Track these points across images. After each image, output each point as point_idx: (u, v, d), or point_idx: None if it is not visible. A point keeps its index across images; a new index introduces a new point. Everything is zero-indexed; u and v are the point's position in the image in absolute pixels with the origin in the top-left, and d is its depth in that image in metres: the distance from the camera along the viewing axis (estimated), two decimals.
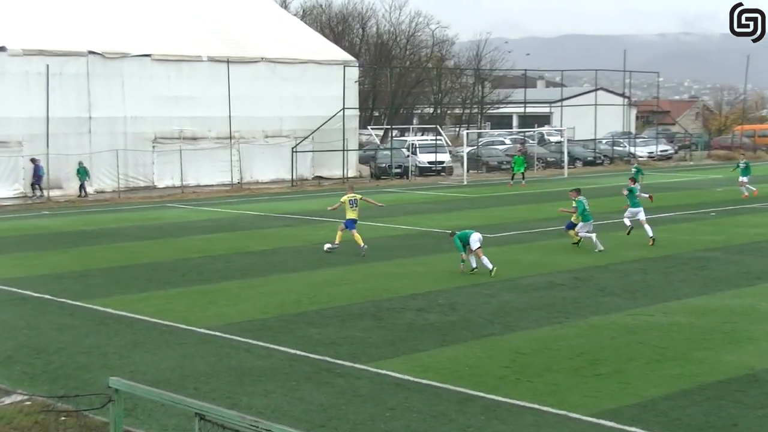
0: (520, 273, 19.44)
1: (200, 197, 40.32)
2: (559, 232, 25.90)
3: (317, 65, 48.90)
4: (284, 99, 47.79)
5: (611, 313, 15.37)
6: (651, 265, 20.21)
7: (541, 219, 29.46)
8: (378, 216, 31.02)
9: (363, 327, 14.63)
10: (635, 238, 24.37)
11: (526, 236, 25.33)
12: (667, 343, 13.29)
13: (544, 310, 15.64)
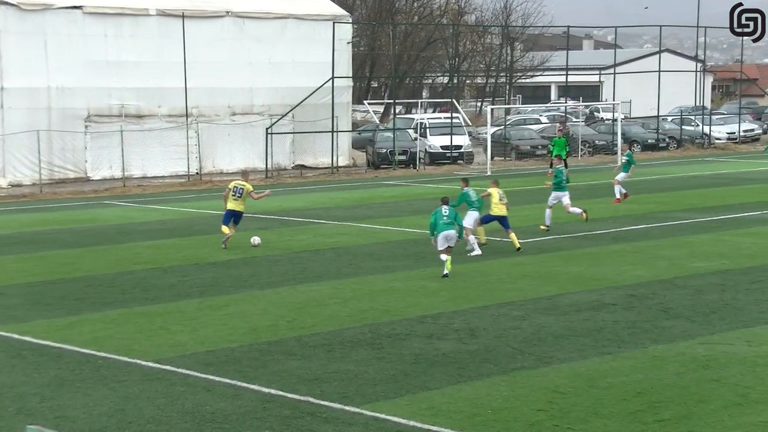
0: (559, 289, 19.49)
1: (147, 192, 40.44)
2: (613, 237, 25.98)
3: (299, 21, 49.04)
4: (256, 65, 47.92)
5: (678, 341, 15.42)
6: (731, 279, 20.27)
7: (583, 220, 29.52)
8: (376, 216, 31.13)
9: (357, 359, 14.68)
10: (710, 245, 24.44)
11: (568, 242, 25.42)
12: (750, 381, 13.32)
13: (589, 338, 15.70)
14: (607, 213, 30.98)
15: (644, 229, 27.54)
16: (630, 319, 16.91)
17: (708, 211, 30.86)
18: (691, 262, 22.20)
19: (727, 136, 63.22)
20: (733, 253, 23.25)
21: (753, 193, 35.71)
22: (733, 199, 34.12)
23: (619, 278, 20.53)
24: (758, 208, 31.35)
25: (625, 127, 57.11)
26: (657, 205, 32.93)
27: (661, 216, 30.06)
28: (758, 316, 16.99)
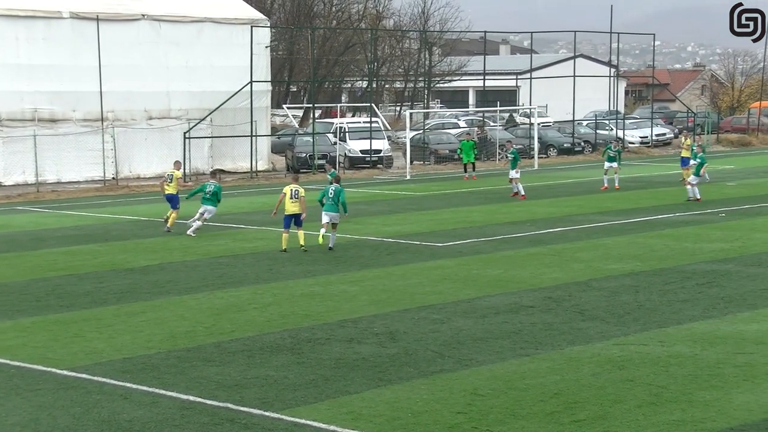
0: (478, 292, 19.64)
1: (62, 198, 39.81)
2: (530, 240, 26.26)
3: (216, 25, 48.71)
4: (173, 69, 47.47)
5: (594, 342, 15.64)
6: (645, 280, 20.61)
7: (504, 223, 29.84)
8: None
9: (277, 364, 14.63)
10: (624, 248, 24.84)
11: (486, 245, 25.63)
12: (664, 381, 13.56)
13: (508, 340, 15.84)
14: (525, 216, 31.30)
15: (561, 231, 27.88)
16: (547, 320, 17.10)
17: (622, 214, 31.35)
18: (606, 264, 22.53)
19: (641, 140, 64.26)
20: (646, 255, 23.65)
21: (665, 196, 36.37)
22: (646, 202, 34.71)
23: (536, 281, 20.75)
24: (670, 211, 31.93)
25: (541, 131, 57.77)
26: (573, 208, 33.36)
27: (577, 219, 30.46)
28: (670, 316, 17.30)
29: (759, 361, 14.41)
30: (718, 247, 24.62)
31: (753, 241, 25.50)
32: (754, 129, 70.22)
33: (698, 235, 26.64)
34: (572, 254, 24.02)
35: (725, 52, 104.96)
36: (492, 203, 35.31)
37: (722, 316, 17.30)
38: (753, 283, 20.17)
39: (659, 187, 40.19)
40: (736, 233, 26.89)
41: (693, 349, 15.07)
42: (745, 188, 38.72)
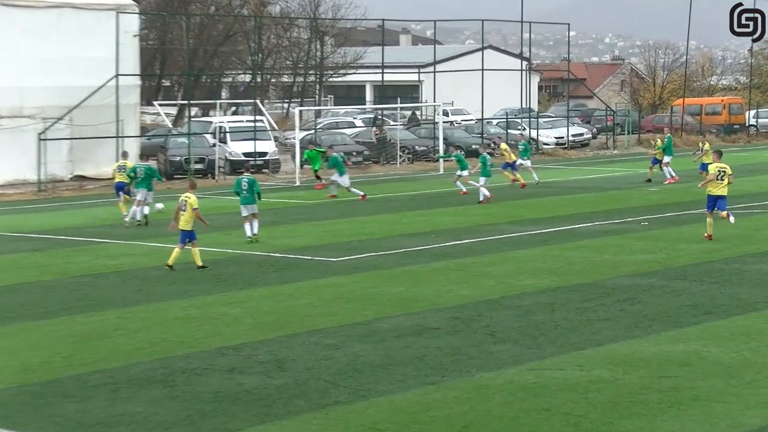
0: (376, 313, 19.64)
1: None
2: (434, 253, 26.38)
3: (76, 11, 48.01)
4: (26, 61, 46.63)
5: (506, 367, 15.74)
6: (561, 297, 20.85)
7: (405, 234, 29.96)
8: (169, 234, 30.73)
9: (147, 399, 14.41)
10: (539, 261, 25.12)
11: (386, 260, 25.68)
12: (583, 410, 13.70)
13: (411, 366, 15.85)
14: (429, 226, 31.47)
15: (469, 243, 28.09)
16: (454, 344, 17.17)
17: (536, 223, 31.73)
18: (519, 280, 22.75)
19: (556, 141, 65.22)
20: (563, 269, 23.95)
21: (583, 203, 36.93)
22: (563, 210, 35.21)
23: (442, 299, 20.84)
24: (589, 219, 32.42)
25: (447, 131, 58.25)
26: (482, 217, 33.66)
27: (486, 229, 30.73)
28: (590, 337, 17.52)
29: (684, 385, 14.67)
30: (640, 259, 25.06)
31: (677, 252, 26.02)
32: (677, 128, 71.78)
33: (619, 246, 27.09)
34: (482, 269, 24.20)
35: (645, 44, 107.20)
36: (392, 212, 35.43)
37: (645, 335, 17.59)
38: (678, 298, 20.56)
39: (576, 193, 40.81)
40: (660, 243, 27.42)
41: (614, 373, 15.27)
42: (668, 194, 39.54)
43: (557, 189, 42.57)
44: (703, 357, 16.13)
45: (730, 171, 27.88)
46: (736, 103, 78.10)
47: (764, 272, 23.09)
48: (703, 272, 23.27)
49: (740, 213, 33.25)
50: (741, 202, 36.03)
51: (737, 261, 24.58)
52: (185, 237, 24.61)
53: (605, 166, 53.37)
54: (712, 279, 22.47)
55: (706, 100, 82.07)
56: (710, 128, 73.31)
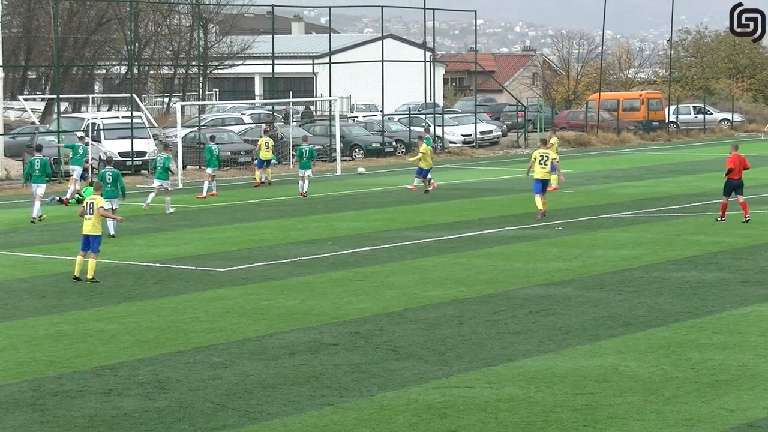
0: (268, 328, 19.67)
1: None
2: (332, 262, 26.45)
3: None
4: None
5: (409, 386, 15.88)
6: (470, 309, 21.07)
7: (300, 242, 29.99)
8: (37, 243, 30.39)
9: (14, 424, 14.28)
10: (445, 270, 25.33)
11: (279, 270, 25.70)
12: (492, 430, 13.90)
13: (306, 386, 15.91)
14: (326, 233, 31.55)
15: (369, 251, 28.23)
16: (354, 361, 17.27)
17: (442, 229, 31.98)
18: (424, 291, 22.92)
19: (463, 138, 65.66)
20: (471, 279, 24.20)
21: (492, 207, 37.30)
22: (471, 214, 35.53)
23: (340, 312, 20.92)
24: (498, 225, 32.77)
25: (344, 128, 58.37)
26: (384, 222, 33.83)
27: (388, 235, 30.89)
28: (500, 352, 17.75)
29: (601, 402, 14.96)
30: (554, 267, 25.42)
31: (593, 260, 26.45)
32: (593, 125, 72.79)
33: (531, 254, 27.44)
34: (383, 279, 24.35)
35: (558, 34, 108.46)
36: (285, 218, 35.43)
37: (559, 349, 17.87)
38: (594, 309, 20.91)
39: (485, 196, 41.20)
40: (575, 250, 27.84)
41: (526, 391, 15.51)
42: (584, 196, 40.09)
43: (465, 191, 42.92)
44: (620, 372, 16.45)
45: (554, 155, 34.71)
46: (655, 98, 79.35)
47: (685, 280, 23.58)
48: (621, 281, 23.69)
49: (661, 216, 33.93)
50: (661, 205, 36.73)
51: (657, 268, 25.06)
52: (87, 242, 24.34)
53: (516, 166, 53.86)
54: (630, 288, 22.89)
55: (623, 94, 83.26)
56: (628, 125, 74.38)
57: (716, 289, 22.56)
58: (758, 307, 20.86)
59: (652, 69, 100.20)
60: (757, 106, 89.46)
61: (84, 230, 24.41)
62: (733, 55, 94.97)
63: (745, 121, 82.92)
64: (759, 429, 13.77)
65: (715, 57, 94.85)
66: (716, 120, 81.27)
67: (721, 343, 18.03)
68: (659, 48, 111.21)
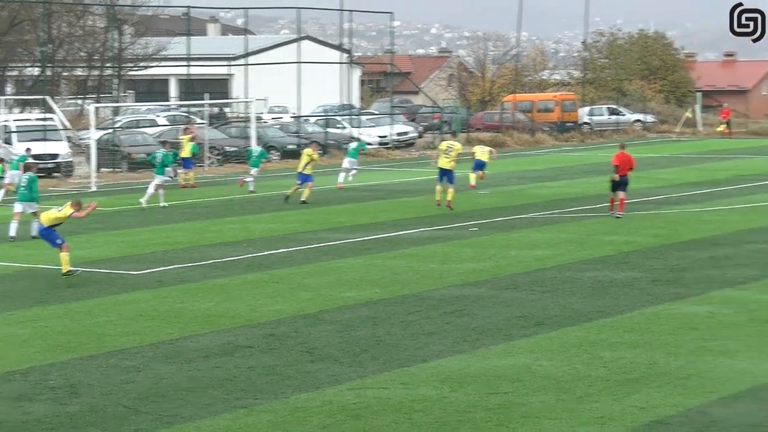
0: (182, 331, 19.59)
1: None
2: (247, 265, 26.40)
3: None
4: None
5: (324, 387, 15.90)
6: (385, 310, 21.14)
7: (215, 244, 29.92)
8: None
9: None
10: (361, 271, 25.40)
11: (193, 272, 25.60)
12: (407, 430, 13.96)
13: (220, 389, 15.87)
14: (241, 235, 31.48)
15: (285, 253, 28.21)
16: (268, 363, 17.26)
17: (358, 230, 32.04)
18: (339, 292, 22.96)
19: (379, 140, 65.82)
20: (386, 280, 24.28)
21: (407, 208, 37.44)
22: (386, 215, 35.64)
23: (255, 314, 20.90)
24: (414, 226, 32.90)
25: (260, 129, 58.23)
26: (300, 224, 33.81)
27: (304, 237, 30.88)
28: (414, 353, 17.83)
29: (514, 401, 15.09)
30: (468, 268, 25.59)
31: (507, 260, 26.65)
32: (508, 126, 73.30)
33: (446, 255, 27.59)
34: (299, 281, 24.35)
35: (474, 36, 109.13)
36: (200, 220, 35.29)
37: (473, 350, 18.00)
38: (508, 309, 21.08)
39: (401, 197, 41.34)
40: (489, 251, 28.04)
41: (440, 391, 15.60)
42: (499, 197, 40.39)
43: (380, 192, 43.03)
44: (533, 371, 16.61)
45: (458, 147, 36.51)
46: (569, 100, 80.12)
47: (597, 280, 23.84)
48: (534, 281, 23.90)
49: (574, 217, 34.28)
50: (574, 205, 37.11)
51: (570, 268, 25.32)
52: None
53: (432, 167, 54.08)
54: (543, 288, 23.10)
55: (538, 96, 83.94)
56: (542, 126, 75.01)
57: (628, 289, 22.85)
58: (668, 306, 21.16)
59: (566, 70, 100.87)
60: (669, 107, 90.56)
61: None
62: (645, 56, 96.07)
63: (657, 122, 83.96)
64: (669, 426, 13.98)
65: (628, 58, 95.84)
66: (629, 121, 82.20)
67: (632, 342, 18.27)
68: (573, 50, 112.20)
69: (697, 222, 32.86)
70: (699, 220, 33.38)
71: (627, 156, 33.83)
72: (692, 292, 22.38)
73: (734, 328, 19.24)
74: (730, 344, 18.07)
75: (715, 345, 18.05)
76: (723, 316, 20.26)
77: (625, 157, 33.74)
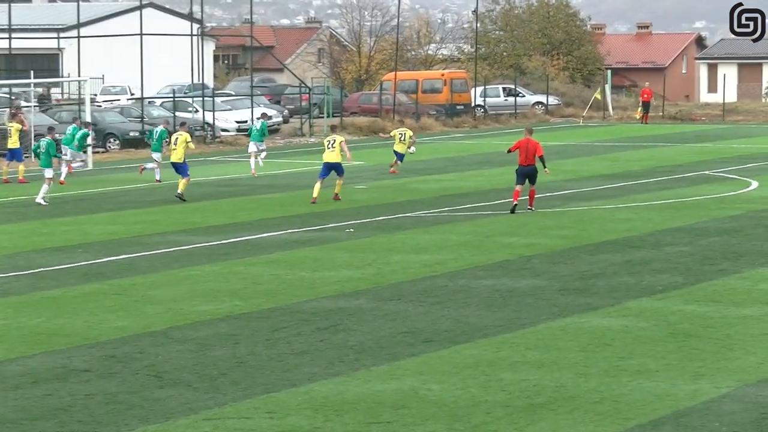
0: (6, 353, 19.32)
1: None
2: (83, 273, 26.10)
3: None
4: None
5: (176, 417, 15.78)
6: (247, 326, 21.04)
7: (46, 249, 29.62)
8: None
9: None
10: (218, 280, 25.29)
11: (19, 283, 25.36)
12: None
13: (53, 420, 15.66)
14: (76, 238, 31.15)
15: (128, 260, 27.98)
16: (109, 390, 17.06)
17: (214, 233, 31.90)
18: (193, 306, 22.81)
19: (237, 126, 65.58)
20: (248, 291, 24.18)
21: (272, 206, 37.37)
22: (247, 214, 35.53)
23: (93, 332, 20.67)
24: (280, 227, 32.84)
25: (96, 114, 57.65)
26: (145, 225, 33.57)
27: (151, 241, 30.67)
28: (282, 376, 17.78)
29: (399, 431, 15.12)
30: (345, 276, 25.60)
31: (391, 266, 26.73)
32: (388, 110, 73.40)
33: (318, 260, 27.59)
34: (145, 292, 24.17)
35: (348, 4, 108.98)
36: (26, 221, 34.85)
37: (352, 372, 17.99)
38: (392, 324, 21.11)
39: (264, 193, 41.24)
40: (369, 255, 28.09)
41: (313, 421, 15.57)
42: (379, 192, 40.48)
43: (240, 188, 42.89)
44: (421, 396, 16.65)
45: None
46: (460, 78, 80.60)
47: (496, 289, 24.01)
48: (423, 290, 23.99)
49: (467, 215, 34.52)
50: (468, 202, 37.36)
51: (463, 276, 25.47)
52: None
53: (300, 157, 54.17)
54: (433, 299, 23.19)
55: (423, 74, 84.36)
56: (428, 109, 75.34)
57: (531, 299, 23.05)
58: (578, 318, 21.38)
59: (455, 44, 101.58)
60: (575, 88, 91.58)
61: None
62: (547, 29, 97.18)
63: (561, 105, 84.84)
64: None
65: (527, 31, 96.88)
66: (529, 103, 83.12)
67: (537, 361, 18.42)
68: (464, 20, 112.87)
69: (610, 221, 33.32)
70: (611, 218, 33.84)
71: (532, 142, 34.14)
72: (605, 303, 22.65)
73: (653, 344, 19.49)
74: (648, 363, 18.31)
75: (632, 364, 18.27)
76: (640, 330, 20.53)
77: (528, 143, 34.05)
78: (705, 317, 21.34)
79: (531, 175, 34.18)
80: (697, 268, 26.05)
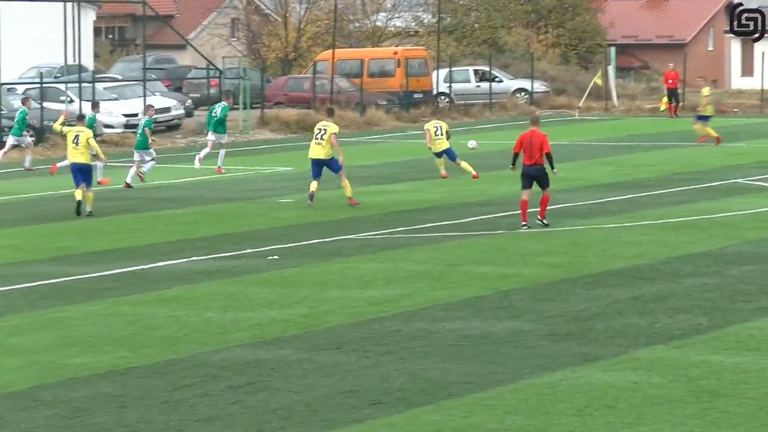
0: None
1: None
2: None
3: None
4: None
5: None
6: (138, 385, 21.01)
7: None
8: None
9: None
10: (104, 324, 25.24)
11: None
12: None
13: None
14: None
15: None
16: None
17: (94, 261, 31.91)
18: (65, 357, 22.74)
19: (125, 120, 65.32)
20: (139, 338, 24.11)
21: (172, 226, 37.37)
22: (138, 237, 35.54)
23: None
24: (180, 253, 32.82)
25: None
26: (3, 251, 33.49)
27: (11, 273, 30.62)
28: None
29: None
30: (265, 318, 25.61)
31: (327, 305, 26.72)
32: (324, 99, 73.19)
33: (232, 297, 27.60)
34: (3, 340, 24.16)
35: None
36: None
37: None
38: (328, 381, 21.10)
39: (161, 208, 41.20)
40: (298, 291, 28.10)
41: None
42: (311, 208, 40.35)
43: (127, 202, 42.78)
44: None
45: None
46: (418, 58, 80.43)
47: (462, 334, 23.99)
48: (368, 337, 24.00)
49: (428, 237, 34.54)
50: (428, 220, 37.35)
51: (422, 317, 25.47)
52: None
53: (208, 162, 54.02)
54: (382, 347, 23.21)
55: (369, 52, 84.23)
56: (377, 98, 75.19)
57: (510, 347, 23.08)
58: (571, 372, 21.40)
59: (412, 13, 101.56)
60: (569, 70, 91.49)
61: None
62: None
63: (550, 93, 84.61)
64: None
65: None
66: (508, 90, 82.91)
67: (518, 429, 18.46)
68: None
69: (613, 244, 33.42)
70: (615, 241, 33.94)
71: (539, 135, 34.13)
72: (607, 352, 22.70)
73: (669, 406, 19.55)
74: (664, 430, 18.39)
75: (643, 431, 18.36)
76: (652, 387, 20.60)
77: (534, 137, 34.03)
78: (737, 371, 21.38)
79: (539, 177, 34.11)
80: (726, 307, 26.14)
